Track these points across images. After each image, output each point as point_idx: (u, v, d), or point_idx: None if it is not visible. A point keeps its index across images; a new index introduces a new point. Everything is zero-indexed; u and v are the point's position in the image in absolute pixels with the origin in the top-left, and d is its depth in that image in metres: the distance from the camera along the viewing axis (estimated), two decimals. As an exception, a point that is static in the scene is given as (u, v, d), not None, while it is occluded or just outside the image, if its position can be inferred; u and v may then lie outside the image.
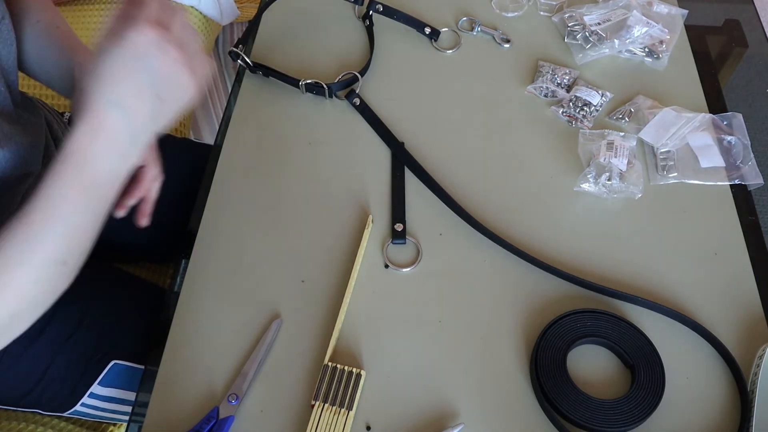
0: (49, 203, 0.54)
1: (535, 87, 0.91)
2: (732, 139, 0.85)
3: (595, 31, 0.95)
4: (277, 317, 0.72)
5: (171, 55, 0.53)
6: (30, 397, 0.80)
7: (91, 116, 0.53)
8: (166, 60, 0.53)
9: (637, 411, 0.64)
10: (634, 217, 0.80)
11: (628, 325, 0.69)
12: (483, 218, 0.79)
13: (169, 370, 0.68)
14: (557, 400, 0.65)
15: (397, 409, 0.66)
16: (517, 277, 0.75)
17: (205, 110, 1.61)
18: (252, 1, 1.69)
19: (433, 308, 0.73)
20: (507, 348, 0.70)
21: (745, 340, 0.70)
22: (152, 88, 0.53)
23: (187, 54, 0.54)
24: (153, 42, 0.51)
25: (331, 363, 0.67)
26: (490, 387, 0.67)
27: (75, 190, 0.54)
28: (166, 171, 0.96)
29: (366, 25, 0.99)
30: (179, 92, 0.55)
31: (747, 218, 0.80)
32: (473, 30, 0.99)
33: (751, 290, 0.74)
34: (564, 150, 0.86)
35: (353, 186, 0.82)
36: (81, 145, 0.53)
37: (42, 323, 0.77)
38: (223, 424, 0.63)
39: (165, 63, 0.53)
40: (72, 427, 0.84)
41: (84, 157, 0.54)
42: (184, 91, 0.55)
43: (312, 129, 0.88)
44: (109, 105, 0.52)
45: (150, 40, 0.51)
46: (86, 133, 0.53)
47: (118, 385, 0.81)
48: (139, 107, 0.54)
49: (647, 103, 0.89)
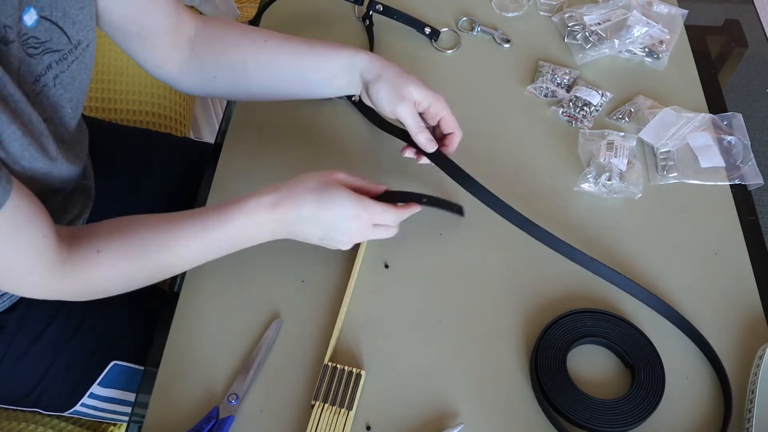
0: (202, 230, 0.65)
1: (535, 87, 0.91)
2: (732, 139, 0.85)
3: (595, 31, 0.95)
4: (277, 317, 0.72)
5: (354, 236, 0.69)
6: (30, 397, 0.80)
7: (285, 194, 0.65)
8: (351, 235, 0.68)
9: (637, 411, 0.64)
10: (634, 217, 0.80)
11: (628, 325, 0.69)
12: (483, 219, 0.79)
13: (169, 370, 0.68)
14: (557, 400, 0.65)
15: (397, 409, 0.66)
16: (517, 277, 0.75)
17: (205, 110, 1.61)
18: (252, 1, 1.69)
19: (433, 308, 0.73)
20: (507, 348, 0.70)
21: (745, 340, 0.70)
22: (324, 232, 0.68)
23: (359, 240, 0.71)
24: (362, 224, 0.67)
25: (331, 363, 0.67)
26: (490, 387, 0.67)
27: (227, 236, 0.66)
28: (166, 171, 0.97)
29: (366, 25, 0.99)
30: (328, 245, 0.70)
31: (747, 218, 0.80)
32: (473, 30, 0.99)
33: (751, 290, 0.74)
34: (564, 150, 0.86)
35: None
36: (261, 205, 0.65)
37: (43, 324, 0.77)
38: (223, 424, 0.63)
39: (349, 235, 0.68)
40: (72, 427, 0.84)
41: (256, 214, 0.65)
42: (330, 247, 0.70)
43: (312, 129, 0.88)
44: (302, 209, 0.65)
45: (361, 223, 0.67)
46: (269, 200, 0.65)
47: (118, 385, 0.81)
48: (307, 229, 0.67)
49: (647, 103, 0.89)
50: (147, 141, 1.00)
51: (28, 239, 0.56)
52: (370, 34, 0.98)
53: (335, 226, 0.67)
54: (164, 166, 0.97)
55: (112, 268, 0.63)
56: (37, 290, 0.62)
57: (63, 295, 0.64)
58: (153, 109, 1.18)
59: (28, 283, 0.61)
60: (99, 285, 0.65)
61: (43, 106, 0.63)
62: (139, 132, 1.03)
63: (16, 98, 0.56)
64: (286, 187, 0.66)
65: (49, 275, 0.60)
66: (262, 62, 0.76)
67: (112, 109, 1.18)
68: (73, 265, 0.61)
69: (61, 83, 0.64)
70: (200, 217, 0.66)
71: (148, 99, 1.19)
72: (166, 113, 1.19)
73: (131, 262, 0.64)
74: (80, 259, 0.62)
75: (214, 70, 0.77)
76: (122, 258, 0.63)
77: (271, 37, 0.76)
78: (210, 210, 0.66)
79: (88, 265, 0.62)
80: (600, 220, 0.79)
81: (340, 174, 0.68)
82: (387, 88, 0.72)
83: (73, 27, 0.62)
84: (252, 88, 0.78)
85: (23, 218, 0.55)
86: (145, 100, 1.19)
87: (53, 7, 0.59)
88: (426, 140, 0.74)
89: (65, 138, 0.69)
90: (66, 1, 0.60)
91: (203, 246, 0.66)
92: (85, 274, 0.62)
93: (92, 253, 0.62)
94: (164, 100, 1.19)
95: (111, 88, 1.19)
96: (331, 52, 0.75)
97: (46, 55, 0.60)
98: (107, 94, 1.18)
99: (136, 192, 0.93)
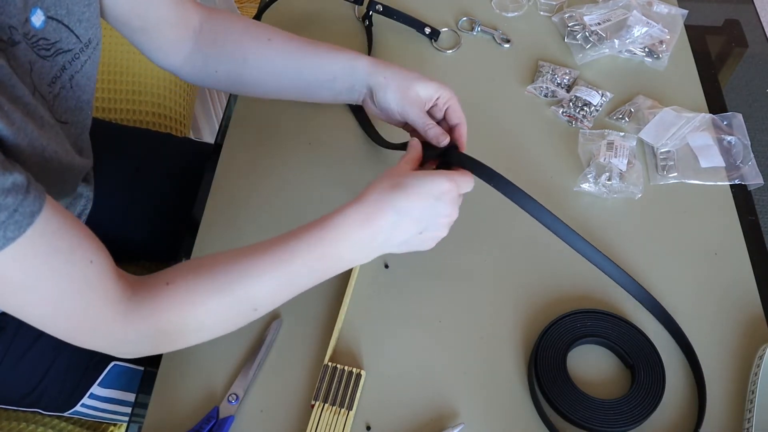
0: (286, 253, 0.59)
1: (535, 87, 0.91)
2: (732, 139, 0.85)
3: (595, 31, 0.95)
4: (277, 317, 0.72)
5: (451, 215, 0.64)
6: (31, 398, 0.80)
7: (368, 206, 0.60)
8: (448, 214, 0.63)
9: (637, 411, 0.64)
10: (634, 217, 0.80)
11: (628, 325, 0.69)
12: (483, 218, 0.79)
13: (169, 370, 0.68)
14: (557, 400, 0.65)
15: (397, 409, 0.66)
16: (518, 277, 0.75)
17: (205, 110, 1.61)
18: (252, 1, 1.69)
19: (433, 308, 0.73)
20: (507, 348, 0.70)
21: (745, 340, 0.70)
22: (422, 224, 0.62)
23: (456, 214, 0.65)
24: (452, 198, 0.63)
25: (331, 363, 0.67)
26: (490, 387, 0.67)
27: (314, 256, 0.60)
28: (167, 171, 0.97)
29: (365, 25, 0.99)
30: (429, 241, 0.65)
31: (747, 218, 0.80)
32: (473, 30, 0.99)
33: (751, 290, 0.74)
34: (564, 150, 0.86)
35: (354, 186, 0.82)
36: (347, 223, 0.60)
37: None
38: (223, 424, 0.63)
39: (445, 215, 0.63)
40: (72, 427, 0.84)
41: (343, 235, 0.60)
42: (431, 242, 0.66)
43: (312, 129, 0.88)
44: (392, 210, 0.60)
45: (452, 196, 0.63)
46: (356, 217, 0.60)
47: (117, 386, 0.81)
48: (405, 228, 0.62)
49: (647, 103, 0.89)
50: (147, 141, 1.00)
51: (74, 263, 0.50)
52: (369, 34, 0.98)
53: (430, 212, 0.62)
54: (164, 166, 0.97)
55: (183, 302, 0.56)
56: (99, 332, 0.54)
57: (131, 339, 0.56)
58: (153, 109, 1.18)
59: (85, 322, 0.53)
60: (168, 325, 0.56)
61: (63, 109, 0.62)
62: (139, 132, 1.03)
63: (26, 100, 0.54)
64: (366, 198, 0.61)
65: (110, 312, 0.53)
66: (263, 61, 0.75)
67: (112, 108, 1.18)
68: (139, 301, 0.55)
69: (77, 84, 0.63)
70: (280, 243, 0.60)
71: (148, 99, 1.19)
72: (166, 113, 1.19)
73: (205, 295, 0.57)
74: (148, 294, 0.55)
75: (215, 64, 0.76)
76: (193, 290, 0.57)
77: (275, 36, 0.76)
78: (292, 235, 0.60)
79: (158, 300, 0.55)
80: (600, 220, 0.79)
81: (400, 164, 0.65)
82: (393, 92, 0.71)
83: (80, 25, 0.61)
84: (252, 85, 0.78)
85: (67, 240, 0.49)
86: (145, 100, 1.19)
87: (57, 5, 0.58)
88: (436, 134, 0.69)
89: (82, 138, 0.68)
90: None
91: (291, 274, 0.60)
92: (151, 311, 0.55)
93: (162, 285, 0.56)
94: (164, 100, 1.20)
95: (111, 88, 1.19)
96: (332, 54, 0.74)
97: (59, 56, 0.59)
98: (107, 94, 1.18)
99: (136, 192, 0.93)
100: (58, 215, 0.49)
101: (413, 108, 0.71)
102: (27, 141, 0.52)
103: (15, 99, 0.52)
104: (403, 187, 0.61)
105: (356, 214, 0.60)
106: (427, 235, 0.65)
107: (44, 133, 0.56)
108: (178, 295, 0.56)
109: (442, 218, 0.64)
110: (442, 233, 0.66)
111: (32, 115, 0.55)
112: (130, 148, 0.96)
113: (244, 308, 0.60)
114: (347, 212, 0.60)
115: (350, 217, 0.60)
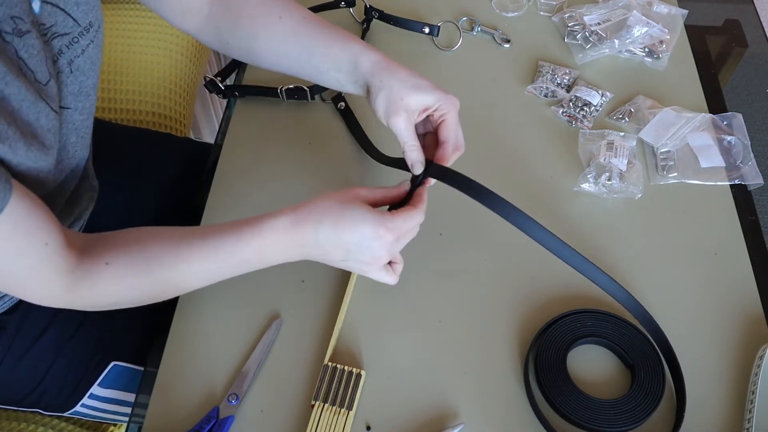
0: (213, 251, 0.63)
1: (535, 87, 0.91)
2: (732, 139, 0.85)
3: (595, 31, 0.95)
4: (277, 317, 0.72)
5: (380, 258, 0.64)
6: (31, 398, 0.80)
7: (299, 215, 0.63)
8: (375, 256, 0.63)
9: (637, 411, 0.64)
10: (634, 217, 0.80)
11: (628, 325, 0.69)
12: (482, 218, 0.79)
13: (169, 370, 0.68)
14: (557, 400, 0.65)
15: (397, 409, 0.66)
16: (517, 277, 0.75)
17: (205, 110, 1.61)
18: None
19: (433, 308, 0.73)
20: (507, 348, 0.70)
21: (745, 340, 0.70)
22: (343, 253, 0.63)
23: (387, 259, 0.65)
24: (383, 243, 0.62)
25: (331, 363, 0.67)
26: (490, 387, 0.67)
27: (240, 258, 0.64)
28: (167, 171, 0.97)
29: (363, 27, 0.99)
30: (355, 269, 0.66)
31: (747, 218, 0.80)
32: (473, 30, 0.99)
33: (751, 290, 0.74)
34: (564, 150, 0.86)
35: (354, 185, 0.82)
36: (276, 225, 0.63)
37: (43, 325, 0.77)
38: (223, 424, 0.63)
39: (371, 256, 0.63)
40: (72, 427, 0.84)
41: (270, 234, 0.63)
42: (358, 271, 0.67)
43: (312, 129, 0.88)
44: (314, 230, 0.62)
45: (384, 242, 0.62)
46: (286, 221, 0.63)
47: (118, 386, 0.81)
48: (325, 249, 0.64)
49: (647, 103, 0.89)
50: (147, 141, 1.00)
51: (31, 245, 0.55)
52: (364, 36, 0.98)
53: (356, 248, 0.63)
54: (164, 166, 0.97)
55: (119, 281, 0.62)
56: (44, 298, 0.61)
57: (72, 304, 0.63)
58: (153, 109, 1.18)
59: (33, 290, 0.60)
60: (107, 297, 0.63)
61: (63, 93, 0.62)
62: (139, 132, 1.03)
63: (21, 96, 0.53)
64: (304, 208, 0.63)
65: (55, 283, 0.59)
66: (273, 40, 0.74)
67: (113, 108, 1.18)
68: (81, 275, 0.60)
69: (79, 68, 0.63)
70: (213, 236, 0.64)
71: (148, 99, 1.19)
72: (166, 113, 1.19)
73: (138, 277, 0.62)
74: (88, 271, 0.61)
75: (228, 36, 0.76)
76: (129, 272, 0.62)
77: (287, 14, 0.74)
78: (224, 229, 0.64)
79: (96, 278, 0.61)
80: (600, 220, 0.79)
81: (359, 190, 0.65)
82: (384, 97, 0.67)
83: (78, 9, 0.61)
84: (262, 60, 0.76)
85: (25, 223, 0.54)
86: (145, 100, 1.19)
87: None
88: (413, 160, 0.67)
89: (86, 125, 0.68)
90: None
91: (215, 267, 0.64)
92: (93, 285, 0.61)
93: (101, 264, 0.61)
94: (164, 100, 1.20)
95: (111, 88, 1.19)
96: (341, 44, 0.72)
97: (55, 39, 0.59)
98: (107, 94, 1.19)
99: (136, 192, 0.93)
100: (24, 201, 0.53)
101: (399, 120, 0.67)
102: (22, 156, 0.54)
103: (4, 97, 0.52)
104: (344, 216, 0.62)
105: (287, 218, 0.63)
106: (352, 265, 0.65)
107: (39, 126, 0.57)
108: (115, 277, 0.62)
109: (366, 257, 0.63)
110: (370, 271, 0.65)
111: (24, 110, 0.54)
112: (130, 148, 0.96)
113: (172, 289, 0.66)
114: (281, 214, 0.64)
115: (281, 220, 0.63)
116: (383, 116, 0.69)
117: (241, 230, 0.63)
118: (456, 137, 0.70)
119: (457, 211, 0.79)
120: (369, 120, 0.88)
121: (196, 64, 1.30)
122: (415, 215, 0.65)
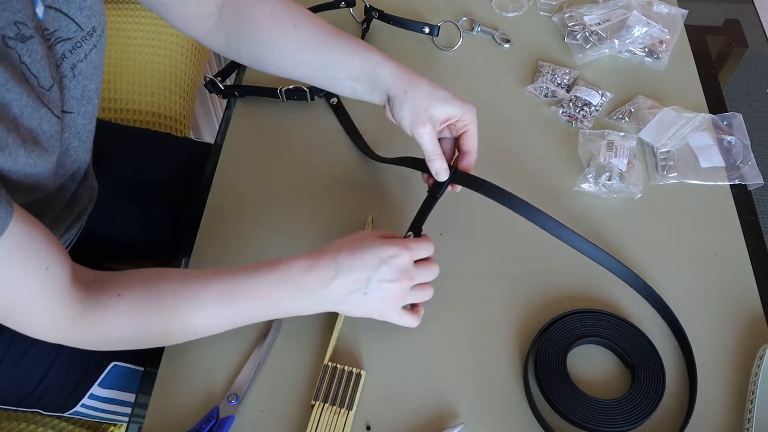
0: (231, 289, 0.62)
1: (535, 87, 0.91)
2: (732, 139, 0.85)
3: (595, 31, 0.95)
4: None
5: (399, 280, 0.63)
6: (31, 398, 0.80)
7: (315, 257, 0.63)
8: (393, 279, 0.63)
9: (637, 411, 0.64)
10: (634, 217, 0.80)
11: (628, 325, 0.69)
12: (482, 219, 0.79)
13: (169, 370, 0.68)
14: (557, 400, 0.65)
15: (397, 409, 0.66)
16: (517, 277, 0.75)
17: (205, 110, 1.61)
18: None
19: (432, 308, 0.72)
20: (507, 348, 0.70)
21: (745, 340, 0.70)
22: (364, 284, 0.63)
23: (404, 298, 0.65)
24: (400, 264, 0.63)
25: (331, 363, 0.67)
26: (490, 387, 0.67)
27: (256, 295, 0.62)
28: (167, 171, 0.97)
29: (363, 27, 0.99)
30: (376, 304, 0.65)
31: (747, 218, 0.80)
32: (473, 30, 0.99)
33: (751, 290, 0.74)
34: (564, 150, 0.86)
35: (353, 186, 0.82)
36: (291, 269, 0.62)
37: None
38: (223, 424, 0.63)
39: (390, 279, 0.63)
40: (72, 427, 0.84)
41: (285, 278, 0.62)
42: (379, 306, 0.65)
43: (312, 129, 0.88)
44: (333, 264, 0.62)
45: (400, 262, 0.63)
46: (302, 264, 0.63)
47: (117, 386, 0.81)
48: (344, 284, 0.63)
49: (647, 103, 0.89)
50: (147, 141, 1.00)
51: (32, 269, 0.53)
52: (363, 36, 0.98)
53: (373, 272, 0.62)
54: (164, 166, 0.97)
55: (129, 315, 0.60)
56: (48, 329, 0.58)
57: (73, 340, 0.60)
58: (153, 109, 1.18)
59: (36, 318, 0.57)
60: (115, 332, 0.60)
61: (66, 98, 0.62)
62: (139, 132, 1.03)
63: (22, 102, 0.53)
64: (314, 253, 0.64)
65: (60, 312, 0.56)
66: (287, 49, 0.74)
67: (113, 108, 1.18)
68: (90, 306, 0.58)
69: (82, 73, 0.63)
70: (229, 279, 0.62)
71: (148, 99, 1.19)
72: (166, 113, 1.19)
73: (149, 312, 0.60)
74: (98, 302, 0.58)
75: (238, 43, 0.75)
76: (141, 308, 0.60)
77: (301, 23, 0.73)
78: (241, 270, 0.63)
79: (106, 310, 0.59)
80: (600, 220, 0.79)
81: (375, 233, 0.66)
82: (409, 109, 0.69)
83: (82, 13, 0.60)
84: (274, 68, 0.76)
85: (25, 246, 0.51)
86: (145, 100, 1.19)
87: None
88: (437, 169, 0.70)
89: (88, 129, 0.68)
90: None
91: (232, 311, 0.63)
92: (102, 317, 0.59)
93: (113, 296, 0.59)
94: (164, 100, 1.20)
95: (111, 88, 1.19)
96: (358, 54, 0.72)
97: (58, 44, 0.59)
98: (108, 94, 1.19)
99: (136, 192, 0.93)
100: (23, 225, 0.51)
101: (425, 131, 0.69)
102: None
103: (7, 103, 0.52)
104: (353, 247, 0.63)
105: (303, 261, 0.63)
106: (373, 297, 0.64)
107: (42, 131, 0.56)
108: (126, 310, 0.59)
109: (386, 282, 0.63)
110: (391, 299, 0.64)
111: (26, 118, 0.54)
112: (130, 148, 0.96)
113: (185, 332, 0.64)
114: (297, 258, 0.63)
115: (297, 263, 0.63)
116: (408, 127, 0.70)
117: (258, 270, 0.63)
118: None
119: (457, 211, 0.79)
120: (361, 116, 0.88)
121: (196, 64, 1.30)
122: (426, 241, 0.67)
